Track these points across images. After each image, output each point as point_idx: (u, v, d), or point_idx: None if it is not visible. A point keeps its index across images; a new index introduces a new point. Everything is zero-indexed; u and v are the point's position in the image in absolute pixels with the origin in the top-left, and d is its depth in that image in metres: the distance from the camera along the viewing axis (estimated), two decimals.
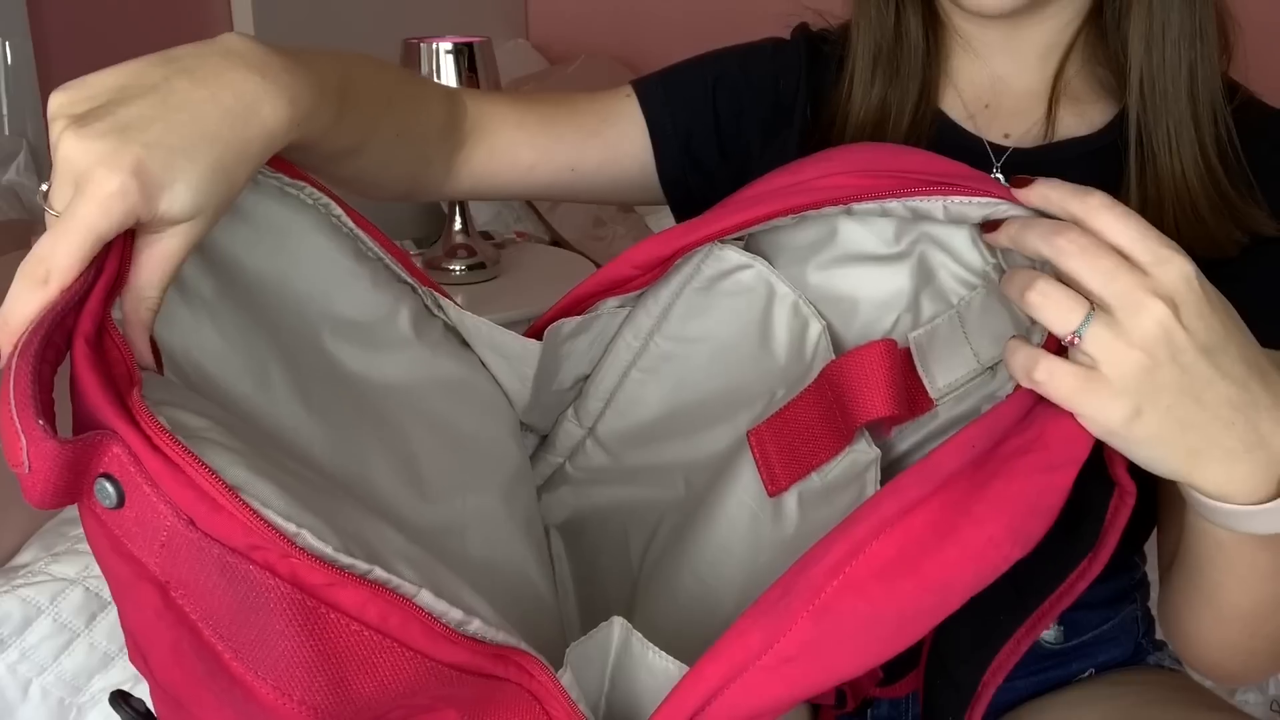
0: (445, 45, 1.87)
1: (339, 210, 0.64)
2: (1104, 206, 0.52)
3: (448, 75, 1.88)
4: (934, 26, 0.85)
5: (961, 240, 0.65)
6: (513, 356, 0.74)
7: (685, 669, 0.51)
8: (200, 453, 0.44)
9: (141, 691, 0.51)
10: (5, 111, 1.55)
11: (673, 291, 0.71)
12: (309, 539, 0.44)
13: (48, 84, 1.63)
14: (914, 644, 0.50)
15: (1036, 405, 0.54)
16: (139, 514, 0.44)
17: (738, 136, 0.89)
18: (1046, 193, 0.54)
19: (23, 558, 0.92)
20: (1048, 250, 0.52)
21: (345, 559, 0.45)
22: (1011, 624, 0.59)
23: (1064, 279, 0.52)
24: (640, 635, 0.54)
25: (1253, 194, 0.76)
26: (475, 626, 0.48)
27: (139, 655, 0.47)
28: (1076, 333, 0.51)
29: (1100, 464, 0.55)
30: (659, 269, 0.67)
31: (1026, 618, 0.59)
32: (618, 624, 0.55)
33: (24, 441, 0.42)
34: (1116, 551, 0.57)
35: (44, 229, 0.48)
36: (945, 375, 0.66)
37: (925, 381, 0.66)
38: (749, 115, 0.89)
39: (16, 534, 0.94)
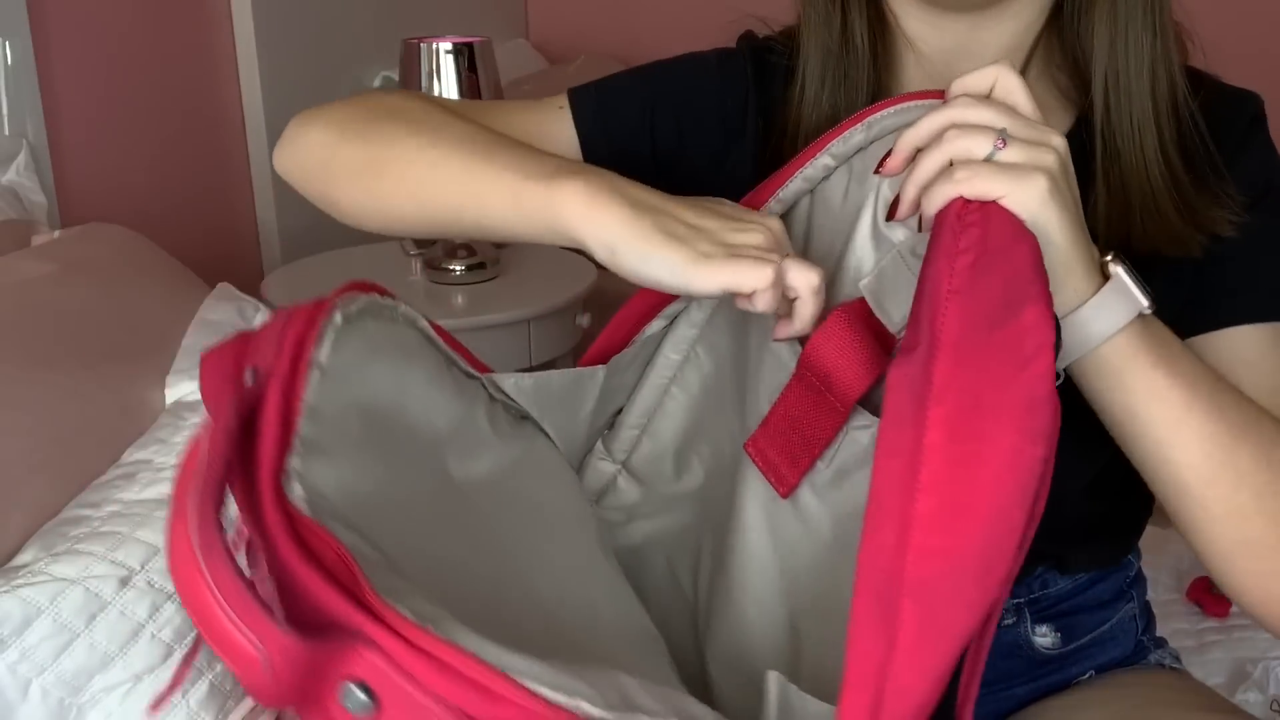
0: (445, 45, 1.87)
1: (424, 322, 0.65)
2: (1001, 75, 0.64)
3: (448, 75, 1.88)
4: (881, 32, 0.83)
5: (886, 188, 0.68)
6: (571, 396, 0.73)
7: (832, 708, 0.51)
8: (455, 639, 0.42)
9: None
10: (5, 111, 1.55)
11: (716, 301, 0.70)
12: (587, 708, 0.43)
13: (48, 84, 1.63)
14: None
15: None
16: (400, 717, 0.41)
17: (678, 161, 0.86)
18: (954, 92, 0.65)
19: (23, 558, 0.92)
20: (937, 121, 0.64)
21: (617, 715, 0.44)
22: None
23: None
24: (795, 688, 0.55)
25: (1223, 184, 0.76)
26: None
27: None
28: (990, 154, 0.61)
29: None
30: None
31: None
32: (773, 680, 0.54)
33: (253, 639, 0.40)
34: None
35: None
36: (899, 309, 0.66)
37: (884, 321, 0.67)
38: (691, 140, 0.86)
39: (16, 534, 0.94)
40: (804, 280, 0.63)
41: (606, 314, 2.27)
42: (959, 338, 0.53)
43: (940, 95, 0.67)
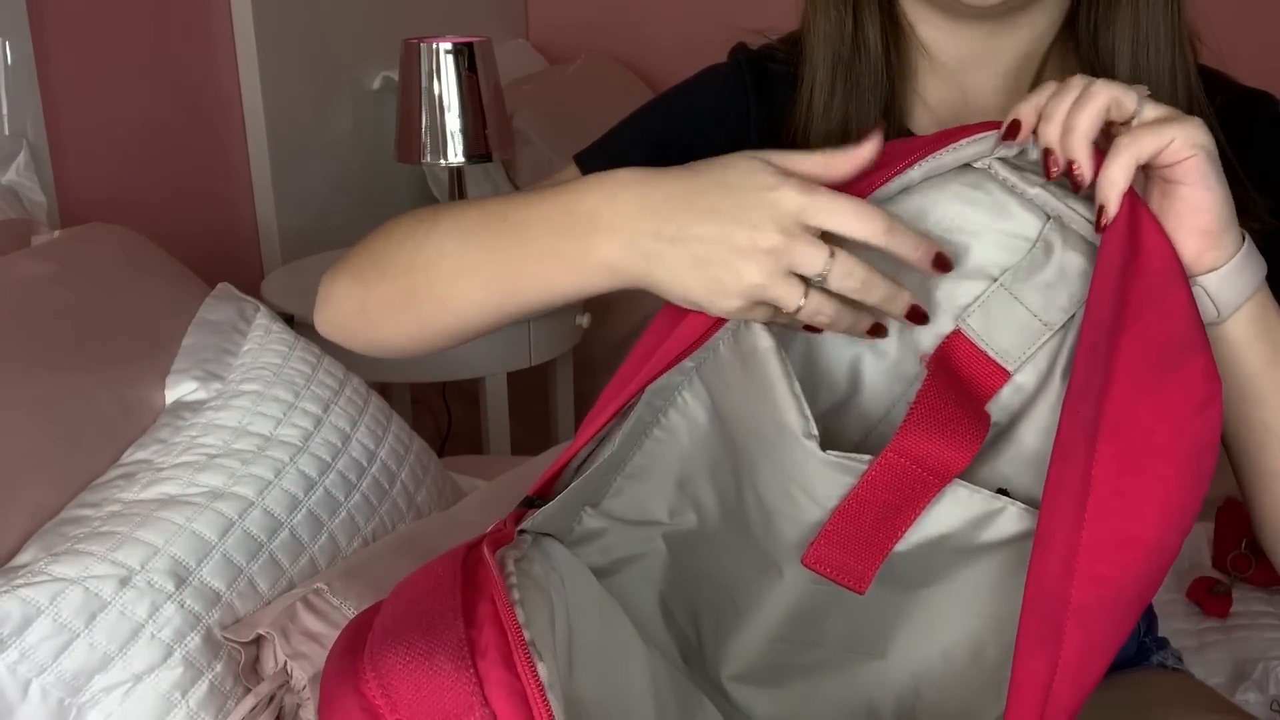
0: (445, 45, 1.87)
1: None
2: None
3: (448, 75, 1.88)
4: (895, 36, 0.81)
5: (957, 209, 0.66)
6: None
7: None
8: None
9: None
10: (5, 111, 1.55)
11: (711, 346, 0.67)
12: None
13: (48, 84, 1.62)
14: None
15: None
16: None
17: None
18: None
19: (23, 558, 0.92)
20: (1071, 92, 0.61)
21: None
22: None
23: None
24: None
25: (1244, 190, 0.76)
26: None
27: None
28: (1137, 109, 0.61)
29: None
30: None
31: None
32: None
33: None
34: None
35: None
36: (1013, 338, 0.65)
37: (995, 357, 0.66)
38: None
39: (16, 534, 0.94)
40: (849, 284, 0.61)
41: (606, 314, 2.28)
42: (1132, 376, 0.57)
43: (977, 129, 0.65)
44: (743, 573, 0.71)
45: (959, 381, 0.65)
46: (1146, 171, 0.62)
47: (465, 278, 0.70)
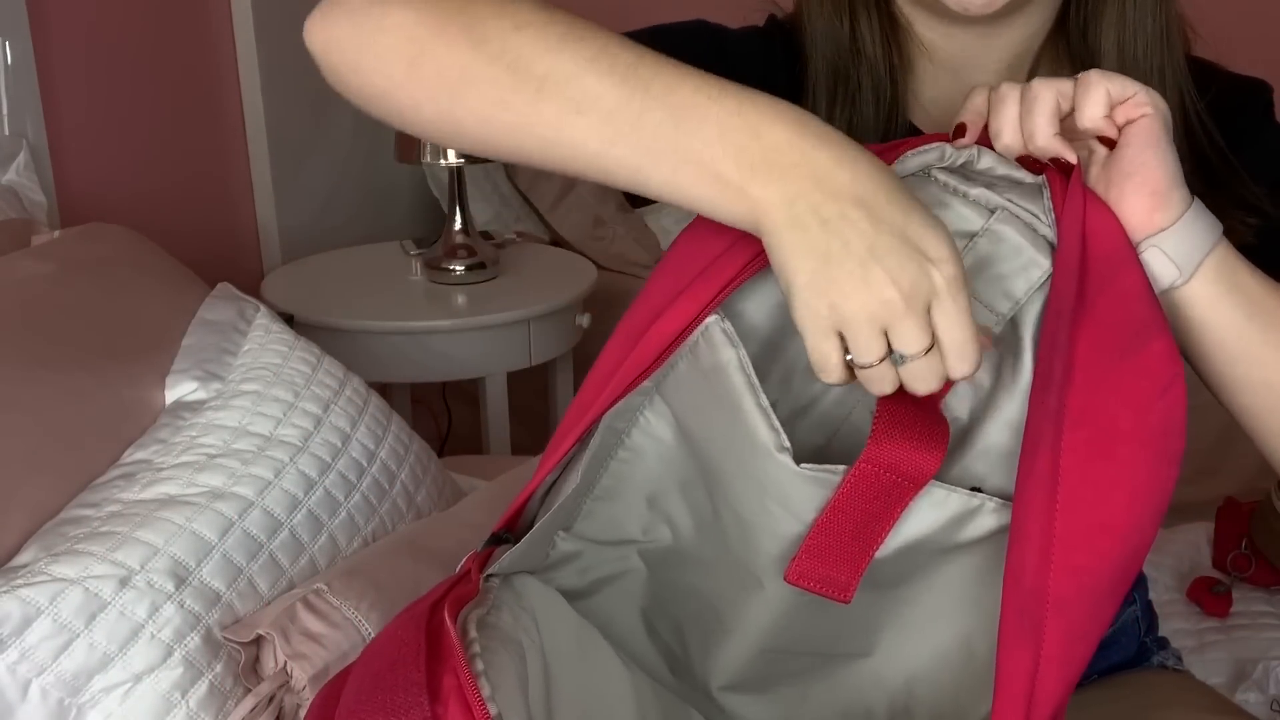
0: None
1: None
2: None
3: None
4: (895, 35, 0.80)
5: None
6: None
7: None
8: None
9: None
10: (5, 111, 1.55)
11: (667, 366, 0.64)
12: None
13: (48, 84, 1.62)
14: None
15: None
16: None
17: None
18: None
19: (23, 558, 0.92)
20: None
21: None
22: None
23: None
24: None
25: (1240, 183, 0.75)
26: None
27: None
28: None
29: None
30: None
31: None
32: None
33: None
34: None
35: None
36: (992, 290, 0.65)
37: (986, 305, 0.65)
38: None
39: (16, 534, 0.94)
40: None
41: (607, 314, 2.27)
42: (1093, 363, 0.57)
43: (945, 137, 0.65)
44: (724, 586, 0.70)
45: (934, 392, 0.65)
46: (1092, 139, 0.64)
47: (590, 121, 0.59)
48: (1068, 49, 0.80)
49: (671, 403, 0.67)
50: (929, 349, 0.56)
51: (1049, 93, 0.62)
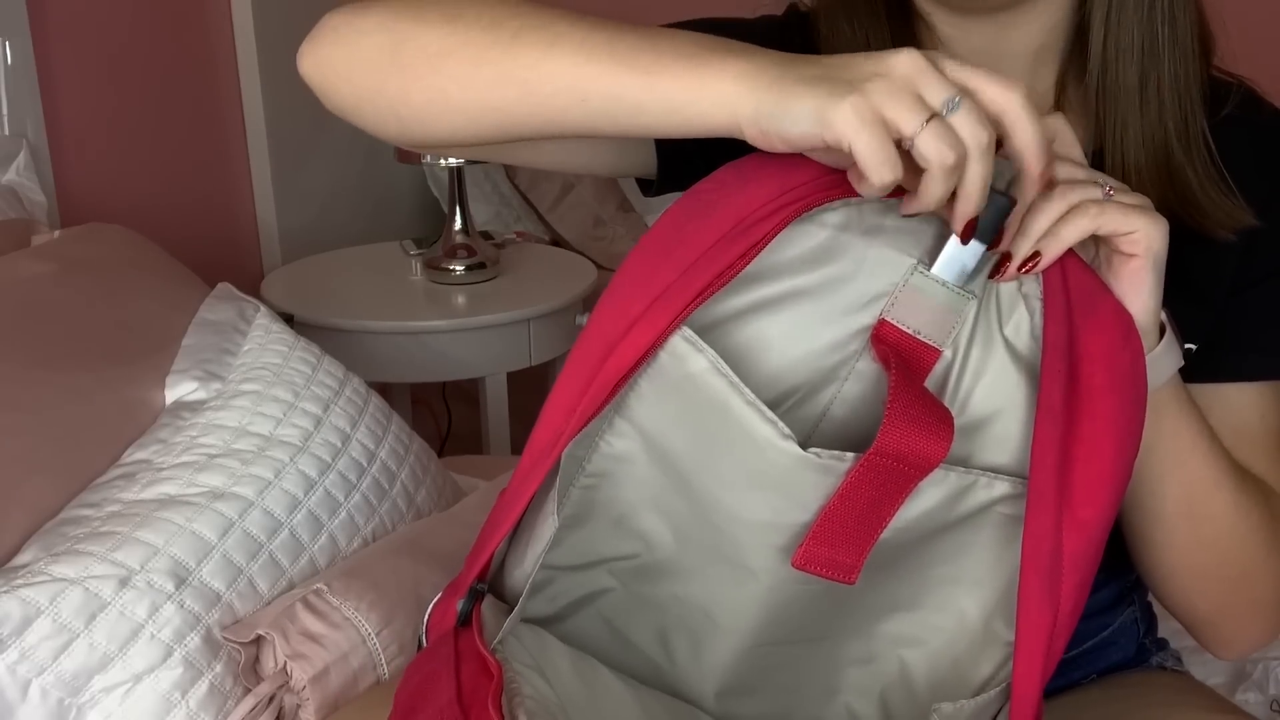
0: None
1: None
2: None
3: None
4: (914, 30, 0.80)
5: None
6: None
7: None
8: None
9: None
10: (5, 111, 1.55)
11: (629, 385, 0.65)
12: None
13: (48, 84, 1.63)
14: None
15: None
16: None
17: None
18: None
19: (23, 558, 0.92)
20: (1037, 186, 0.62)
21: None
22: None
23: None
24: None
25: (1232, 197, 0.75)
26: None
27: None
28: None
29: None
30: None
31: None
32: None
33: None
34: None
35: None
36: (940, 321, 0.65)
37: (925, 339, 0.65)
38: None
39: (16, 534, 0.94)
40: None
41: None
42: (1081, 323, 0.62)
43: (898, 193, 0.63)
44: (713, 587, 0.70)
45: (918, 374, 0.66)
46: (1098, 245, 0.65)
47: (564, 49, 0.63)
48: (1086, 59, 0.78)
49: (635, 421, 0.66)
50: (958, 97, 0.57)
51: (1090, 215, 0.62)
